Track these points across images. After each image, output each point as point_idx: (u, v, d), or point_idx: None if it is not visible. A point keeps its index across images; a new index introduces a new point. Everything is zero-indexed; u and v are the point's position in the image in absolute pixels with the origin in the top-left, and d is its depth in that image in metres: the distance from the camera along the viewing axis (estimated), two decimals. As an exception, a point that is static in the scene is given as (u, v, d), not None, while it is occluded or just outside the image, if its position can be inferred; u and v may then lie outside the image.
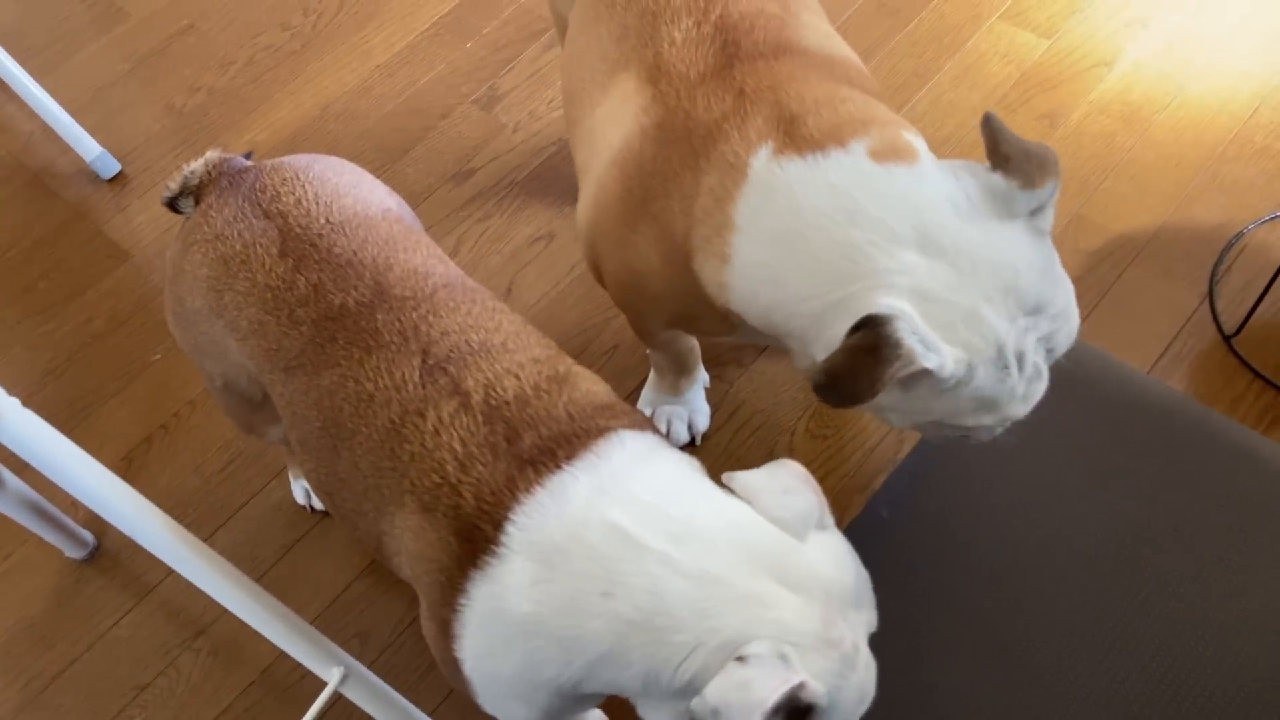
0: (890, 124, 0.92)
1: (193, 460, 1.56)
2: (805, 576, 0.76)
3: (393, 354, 0.87)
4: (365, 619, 1.39)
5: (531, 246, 1.71)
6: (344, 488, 0.90)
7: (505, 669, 0.81)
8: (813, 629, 0.74)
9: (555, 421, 0.83)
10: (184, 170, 1.01)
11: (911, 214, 0.85)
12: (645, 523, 0.77)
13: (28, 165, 1.94)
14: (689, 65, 0.99)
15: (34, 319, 1.74)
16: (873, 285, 0.85)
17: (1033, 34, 1.83)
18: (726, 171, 0.93)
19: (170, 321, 1.08)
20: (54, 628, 1.43)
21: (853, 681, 0.75)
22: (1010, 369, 0.86)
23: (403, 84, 1.95)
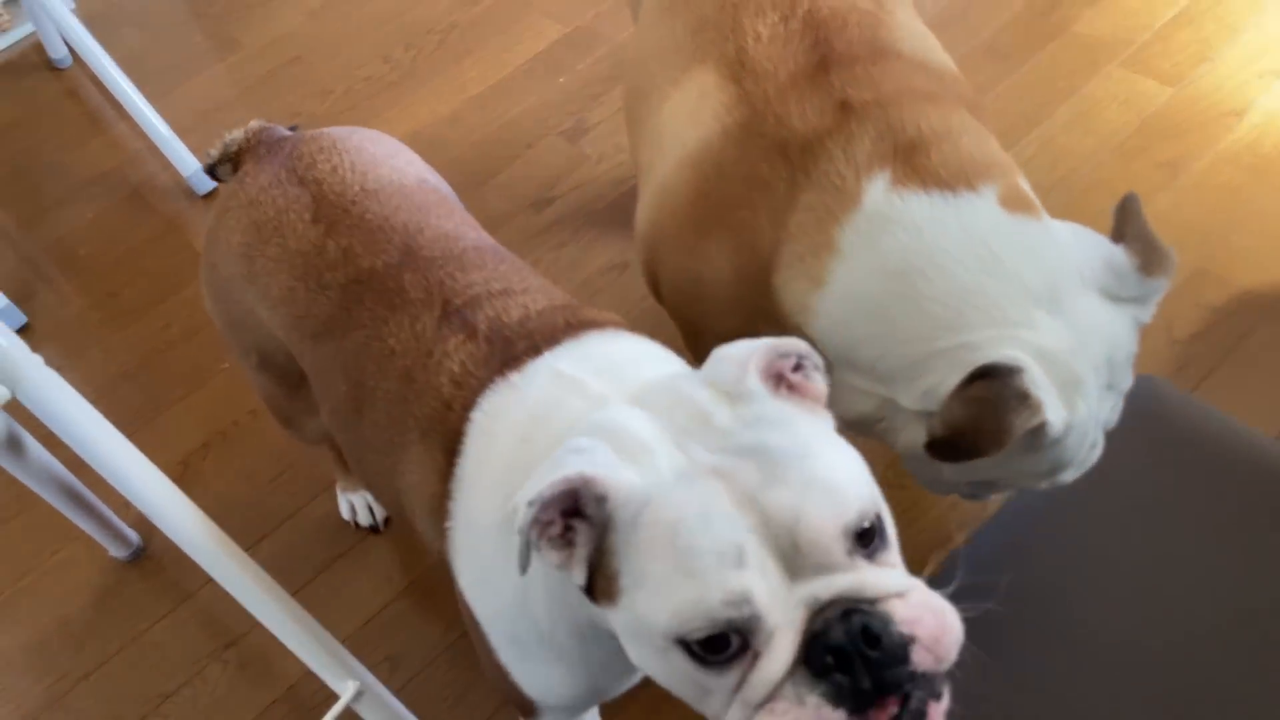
0: (1008, 169, 0.88)
1: (246, 468, 1.52)
2: (660, 402, 0.63)
3: (416, 310, 0.83)
4: (398, 643, 1.31)
5: (604, 275, 1.65)
6: (369, 451, 0.85)
7: (492, 598, 0.74)
8: (636, 436, 0.60)
9: (552, 329, 0.78)
10: (225, 137, 0.99)
11: (1043, 270, 0.81)
12: (583, 365, 0.72)
13: (130, 179, 2.00)
14: (777, 64, 0.91)
15: (114, 323, 1.76)
16: (999, 336, 0.81)
17: (1155, 81, 1.72)
18: (831, 192, 0.86)
19: (205, 294, 1.05)
20: (88, 627, 1.39)
21: (659, 506, 0.58)
22: (1090, 437, 0.87)
23: (493, 115, 1.94)
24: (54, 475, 1.21)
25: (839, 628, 0.55)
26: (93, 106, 2.17)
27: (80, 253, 1.89)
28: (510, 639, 0.77)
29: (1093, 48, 1.79)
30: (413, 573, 1.38)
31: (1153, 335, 1.42)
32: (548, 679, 0.78)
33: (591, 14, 2.08)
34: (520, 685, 0.80)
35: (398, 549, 1.41)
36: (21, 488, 1.55)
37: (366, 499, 1.42)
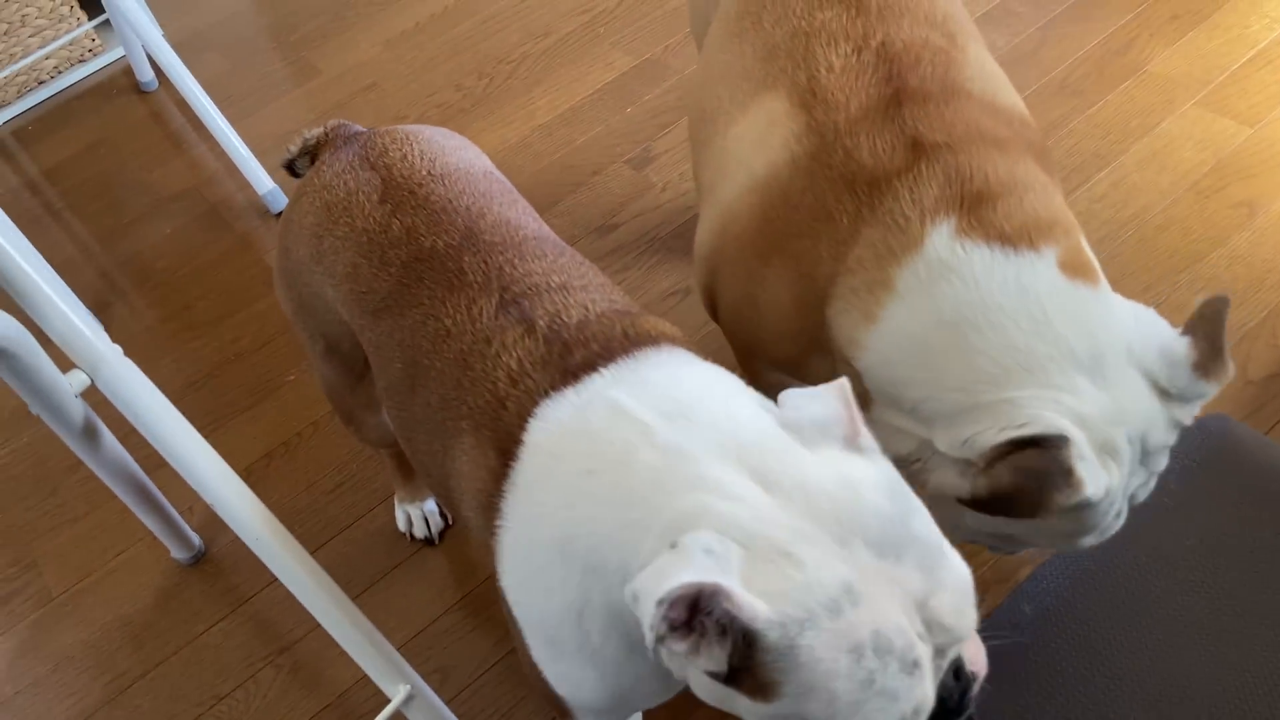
0: (1071, 229, 0.88)
1: (307, 478, 1.54)
2: (790, 481, 0.62)
3: (474, 293, 0.83)
4: (449, 655, 1.31)
5: (666, 300, 1.66)
6: (419, 430, 0.86)
7: (536, 603, 0.73)
8: (772, 534, 0.59)
9: (611, 340, 0.77)
10: (304, 134, 1.02)
11: (1091, 339, 0.82)
12: (642, 398, 0.69)
13: (208, 197, 2.06)
14: (849, 95, 0.90)
15: (186, 334, 1.80)
16: (1041, 397, 0.81)
17: (1232, 121, 1.69)
18: (894, 231, 0.86)
19: (277, 280, 1.08)
20: (147, 627, 1.41)
21: (828, 630, 0.58)
22: (1116, 506, 0.86)
23: (560, 142, 1.97)
24: (125, 469, 1.24)
25: (955, 691, 0.64)
26: (175, 128, 2.25)
27: (157, 266, 1.94)
28: (547, 641, 0.77)
29: (1168, 87, 1.77)
30: (466, 586, 1.38)
31: (1228, 375, 1.38)
32: (580, 682, 0.78)
33: (661, 47, 2.11)
34: (551, 683, 0.80)
35: (453, 562, 1.41)
36: (88, 490, 1.59)
37: (423, 511, 1.43)
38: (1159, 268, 1.52)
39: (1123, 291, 1.48)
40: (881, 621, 0.58)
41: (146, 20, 2.03)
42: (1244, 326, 1.43)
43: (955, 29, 0.98)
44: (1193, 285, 1.49)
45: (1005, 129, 0.92)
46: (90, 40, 2.41)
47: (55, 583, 1.49)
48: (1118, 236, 1.57)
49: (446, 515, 1.44)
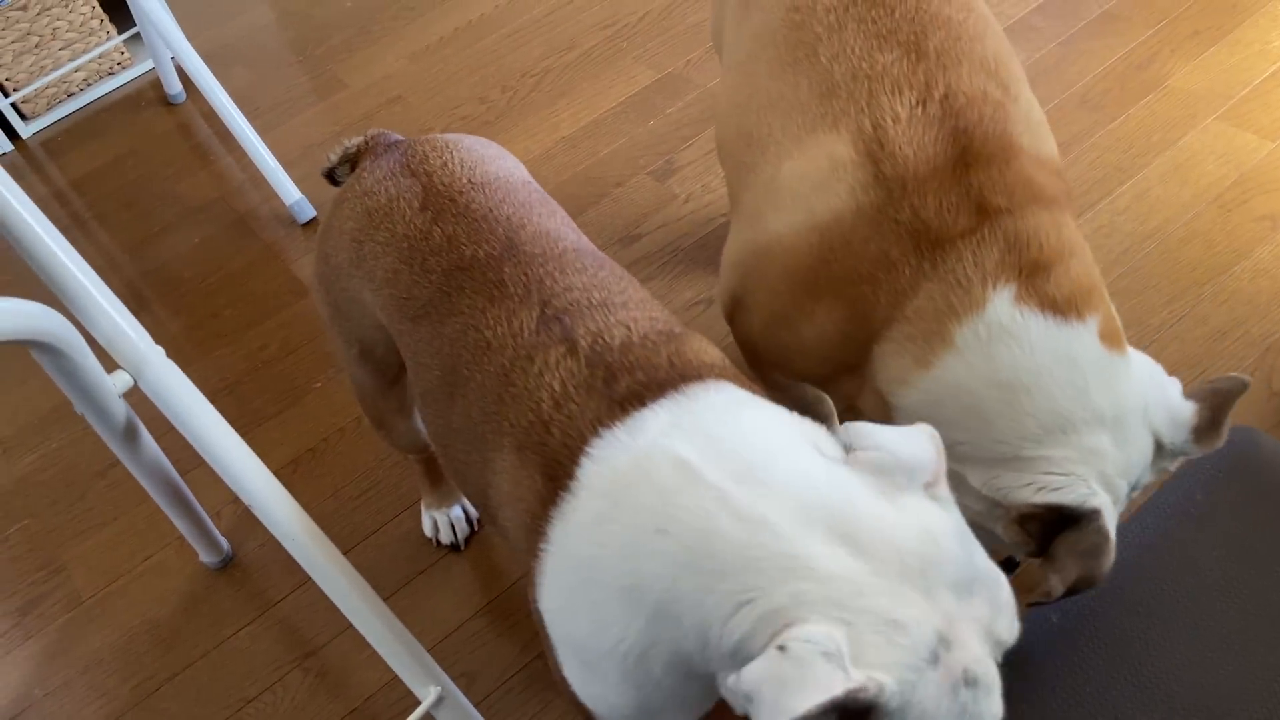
0: (1103, 294, 0.95)
1: (334, 484, 1.56)
2: (876, 539, 0.65)
3: (515, 305, 0.84)
4: (475, 659, 1.32)
5: (690, 309, 1.67)
6: (456, 439, 0.87)
7: (579, 629, 0.73)
8: (873, 605, 0.63)
9: (655, 369, 0.77)
10: (344, 143, 1.04)
11: (1118, 405, 0.90)
12: (710, 457, 0.69)
13: (235, 208, 2.08)
14: (917, 151, 0.93)
15: (214, 341, 1.82)
16: (1072, 460, 0.90)
17: (1255, 135, 1.70)
18: (956, 290, 0.92)
19: (315, 285, 1.09)
20: (176, 631, 1.42)
21: (938, 681, 0.62)
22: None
23: (584, 154, 1.99)
24: (161, 470, 1.25)
25: None
26: (202, 139, 2.27)
27: (184, 276, 1.97)
28: (584, 665, 0.77)
29: (1190, 101, 1.77)
30: (492, 592, 1.39)
31: (1252, 388, 1.38)
32: (614, 703, 0.79)
33: (683, 61, 2.13)
34: (583, 700, 0.81)
35: (478, 568, 1.42)
36: (117, 495, 1.60)
37: (450, 517, 1.44)
38: (1182, 280, 1.53)
39: (1146, 304, 1.49)
40: (969, 658, 0.64)
41: (176, 32, 2.06)
42: (1268, 339, 1.43)
43: (1007, 76, 1.01)
44: (1216, 298, 1.49)
45: (1052, 183, 0.98)
46: (119, 53, 2.44)
47: (84, 586, 1.50)
48: (1140, 249, 1.58)
49: (473, 521, 1.45)
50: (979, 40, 0.99)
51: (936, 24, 0.98)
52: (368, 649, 1.33)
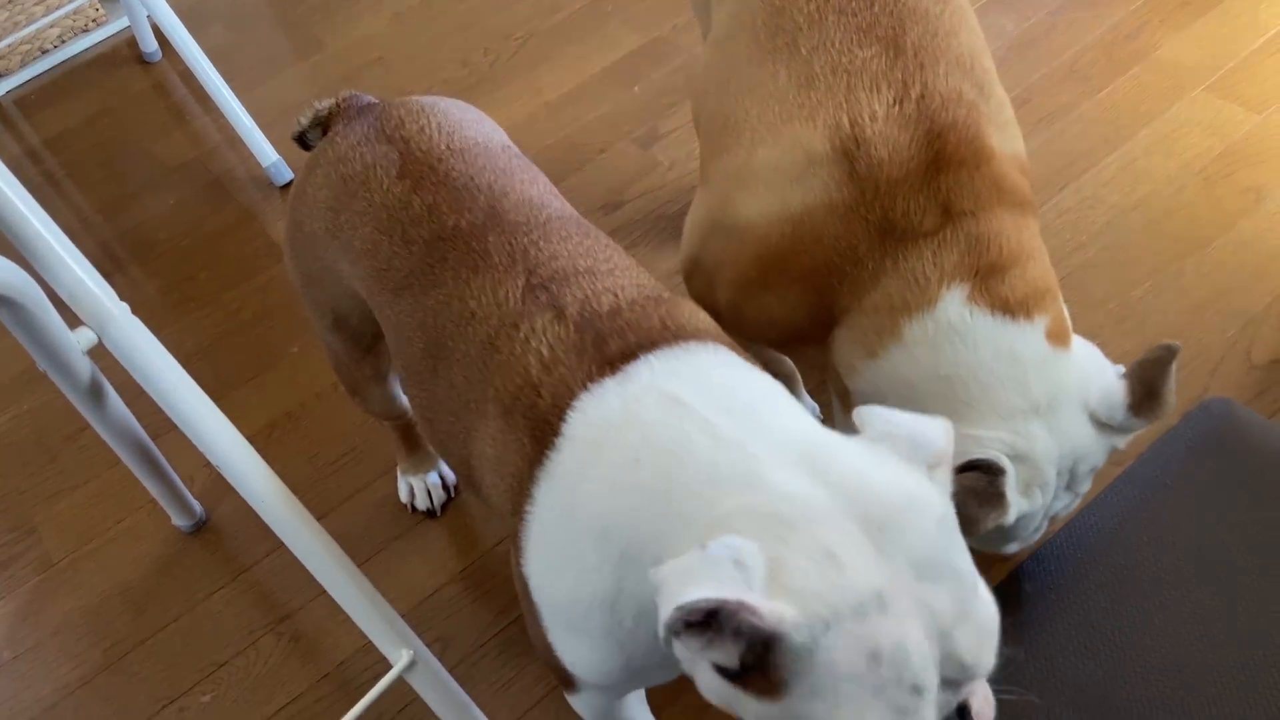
0: (1056, 293, 0.99)
1: (310, 449, 1.54)
2: (847, 478, 0.62)
3: (499, 274, 0.82)
4: (450, 625, 1.31)
5: (672, 278, 1.65)
6: (441, 411, 0.85)
7: (563, 589, 0.72)
8: (814, 532, 0.59)
9: (647, 330, 0.76)
10: (315, 105, 1.01)
11: (1053, 393, 0.95)
12: (704, 396, 0.68)
13: (211, 169, 2.05)
14: (891, 153, 0.95)
15: (189, 304, 1.80)
16: (1000, 440, 0.94)
17: (1241, 107, 1.69)
18: (912, 288, 0.95)
19: (286, 252, 1.07)
20: (148, 594, 1.41)
21: (850, 634, 0.57)
22: (1039, 527, 1.02)
23: (567, 120, 1.97)
24: (130, 432, 1.23)
25: None
26: (178, 99, 2.24)
27: (159, 237, 1.94)
28: (567, 624, 0.77)
29: (1177, 73, 1.76)
30: (468, 558, 1.38)
31: (1232, 360, 1.38)
32: (597, 663, 0.78)
33: (669, 26, 2.10)
34: (564, 662, 0.81)
35: (454, 534, 1.41)
36: (88, 458, 1.59)
37: (426, 483, 1.43)
38: (1165, 253, 1.52)
39: (1129, 276, 1.49)
40: (903, 636, 0.58)
41: (152, -10, 2.02)
42: (1249, 311, 1.43)
43: (981, 73, 1.02)
44: (1198, 270, 1.49)
45: (1018, 185, 1.00)
46: (94, 10, 2.39)
47: (55, 549, 1.48)
48: (1124, 221, 1.57)
49: (449, 487, 1.44)
50: (954, 35, 1.01)
51: (914, 18, 0.99)
52: (341, 614, 1.31)
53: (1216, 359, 1.39)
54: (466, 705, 1.09)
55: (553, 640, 0.79)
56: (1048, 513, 1.00)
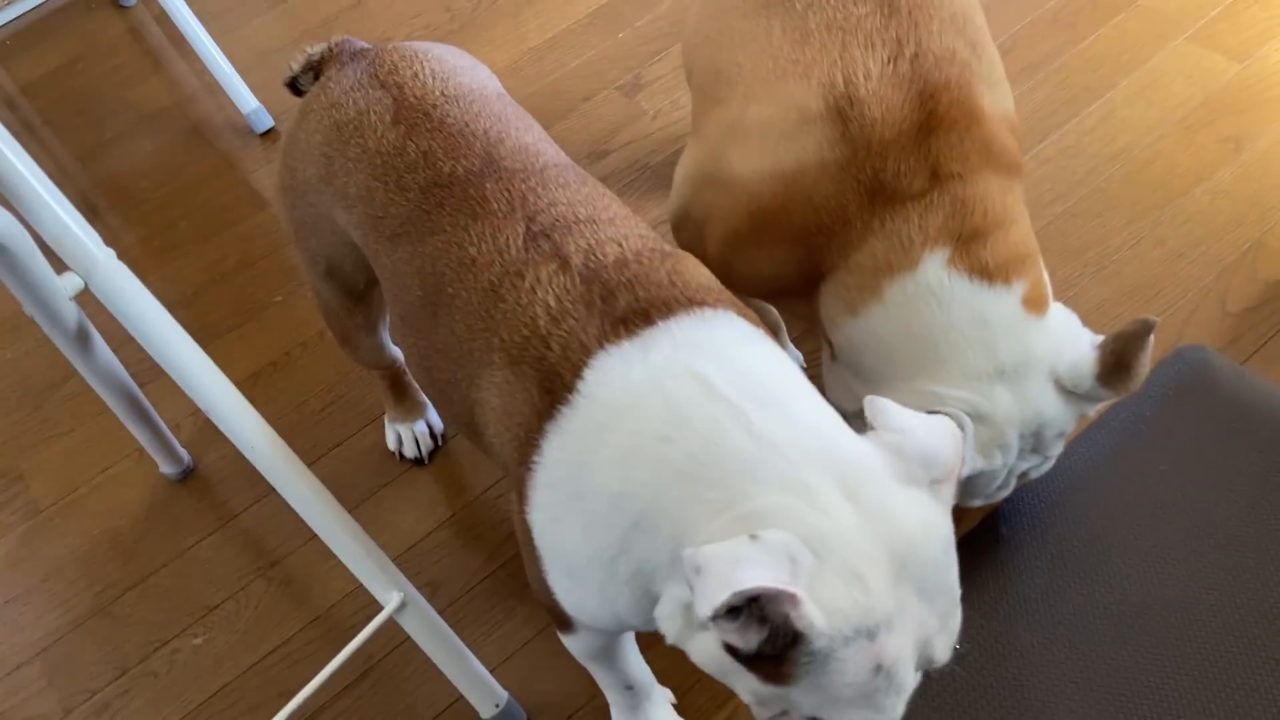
0: (1036, 259, 1.00)
1: (296, 398, 1.55)
2: (876, 509, 0.66)
3: (499, 221, 0.83)
4: (439, 570, 1.33)
5: (658, 228, 1.66)
6: (440, 358, 0.86)
7: (568, 539, 0.74)
8: (851, 554, 0.64)
9: (656, 286, 0.77)
10: (307, 50, 1.01)
11: (1021, 358, 0.96)
12: (733, 381, 0.69)
13: (189, 115, 2.03)
14: (884, 113, 0.95)
15: (170, 253, 1.79)
16: (964, 399, 0.96)
17: (1223, 56, 1.69)
18: (896, 250, 0.96)
19: (279, 198, 1.07)
20: (137, 540, 1.42)
21: (862, 650, 0.64)
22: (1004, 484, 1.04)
23: (551, 66, 1.95)
24: (117, 378, 1.23)
25: None
26: (154, 44, 2.20)
27: (138, 185, 1.92)
28: (568, 571, 0.79)
29: (1159, 21, 1.76)
30: (456, 504, 1.39)
31: (1207, 308, 1.40)
32: (592, 609, 0.80)
33: (652, -28, 2.08)
34: (561, 604, 0.83)
35: (442, 482, 1.42)
36: (74, 405, 1.59)
37: (414, 431, 1.44)
38: (1144, 202, 1.53)
39: (1107, 225, 1.50)
40: (900, 652, 0.66)
41: (125, -69, 1.98)
42: (1225, 260, 1.45)
43: (974, 32, 1.02)
44: (1175, 219, 1.51)
45: (1007, 146, 1.00)
46: (65, -48, 2.34)
47: (42, 495, 1.49)
48: (1104, 171, 1.58)
49: (437, 435, 1.45)
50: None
51: None
52: (331, 559, 1.33)
53: (1192, 307, 1.41)
54: (457, 646, 1.11)
55: (552, 583, 0.81)
56: (1012, 472, 1.03)
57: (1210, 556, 1.15)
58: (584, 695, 1.18)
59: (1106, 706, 1.07)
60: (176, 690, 1.28)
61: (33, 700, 1.29)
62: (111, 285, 0.88)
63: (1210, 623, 1.11)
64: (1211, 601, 1.12)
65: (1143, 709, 1.06)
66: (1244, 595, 1.12)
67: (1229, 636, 1.09)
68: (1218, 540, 1.16)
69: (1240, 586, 1.13)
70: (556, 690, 1.19)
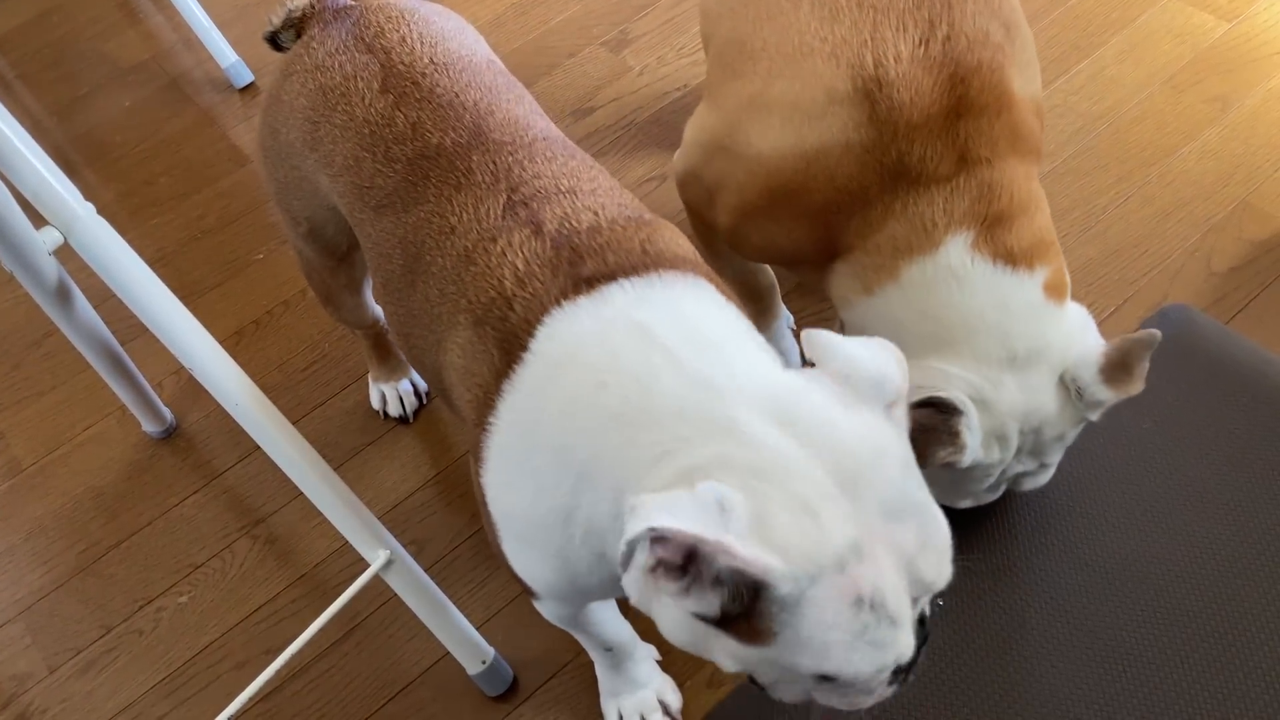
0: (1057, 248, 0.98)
1: (279, 356, 1.54)
2: (819, 432, 0.63)
3: (481, 192, 0.82)
4: (424, 528, 1.33)
5: (642, 186, 1.65)
6: (415, 324, 0.86)
7: (519, 502, 0.74)
8: (792, 487, 0.61)
9: (626, 253, 0.76)
10: (287, 5, 0.98)
11: (1033, 348, 0.95)
12: (672, 326, 0.69)
13: (167, 70, 1.99)
14: (914, 97, 0.93)
15: (150, 210, 1.76)
16: (967, 381, 0.94)
17: (1211, 15, 1.69)
18: (917, 232, 0.95)
19: (260, 157, 1.05)
20: (120, 499, 1.42)
21: (834, 584, 0.61)
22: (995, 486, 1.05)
23: (535, 22, 1.92)
24: (98, 336, 1.22)
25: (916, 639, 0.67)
26: (130, -3, 2.16)
27: (115, 141, 1.89)
28: (517, 537, 0.78)
29: (1149, -21, 1.75)
30: (441, 464, 1.39)
31: (1192, 267, 1.41)
32: (545, 577, 0.80)
33: (638, -75, 2.05)
34: (520, 575, 0.83)
35: (426, 441, 1.42)
36: (54, 364, 1.57)
37: (398, 390, 1.43)
38: (1131, 160, 1.53)
39: (1095, 184, 1.50)
40: (879, 578, 0.62)
41: (97, -122, 1.93)
42: (1211, 219, 1.45)
43: (1009, 13, 1.00)
44: (1163, 179, 1.50)
45: (1034, 131, 0.99)
46: (36, -100, 2.28)
47: (24, 454, 1.48)
48: (1092, 129, 1.58)
49: (421, 394, 1.44)
50: None
51: None
52: (316, 518, 1.33)
53: (1177, 266, 1.41)
54: (443, 604, 1.11)
55: (505, 550, 0.81)
56: (1006, 472, 1.02)
57: (1191, 515, 1.17)
58: (569, 652, 1.19)
59: (1088, 664, 1.08)
60: (162, 648, 1.28)
61: (17, 658, 1.29)
62: (92, 240, 0.87)
63: (1190, 580, 1.12)
64: (1191, 560, 1.14)
65: (1123, 666, 1.07)
66: (1224, 553, 1.13)
67: (1208, 594, 1.11)
68: (1199, 499, 1.18)
69: (1221, 545, 1.14)
70: (541, 646, 1.20)
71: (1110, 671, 1.07)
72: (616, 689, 1.10)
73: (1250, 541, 1.13)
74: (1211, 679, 1.05)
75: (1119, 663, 1.07)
